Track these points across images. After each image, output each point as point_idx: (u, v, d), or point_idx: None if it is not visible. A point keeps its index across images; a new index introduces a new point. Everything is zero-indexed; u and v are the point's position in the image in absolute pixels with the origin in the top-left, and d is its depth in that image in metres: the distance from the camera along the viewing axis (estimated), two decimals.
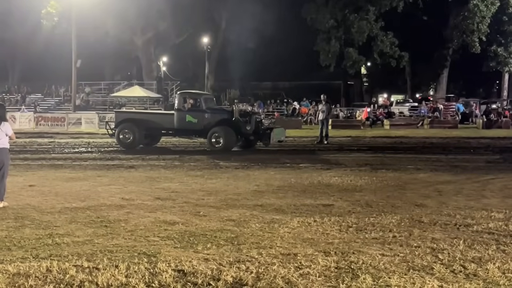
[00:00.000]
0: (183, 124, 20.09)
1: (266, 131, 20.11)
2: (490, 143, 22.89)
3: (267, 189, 10.30)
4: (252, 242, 6.21)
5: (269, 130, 20.26)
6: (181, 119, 20.09)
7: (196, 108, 20.12)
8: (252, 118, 19.94)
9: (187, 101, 20.30)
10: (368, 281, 4.83)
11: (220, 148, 19.12)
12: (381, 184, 11.03)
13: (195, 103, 20.24)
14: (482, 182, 11.25)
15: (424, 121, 37.37)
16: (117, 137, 20.40)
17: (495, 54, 49.04)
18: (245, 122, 19.65)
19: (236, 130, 19.52)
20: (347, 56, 48.59)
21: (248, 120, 19.75)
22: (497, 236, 6.55)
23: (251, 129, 19.69)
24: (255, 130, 19.81)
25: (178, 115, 20.20)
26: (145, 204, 8.56)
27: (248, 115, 20.42)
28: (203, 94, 21.89)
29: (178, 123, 20.13)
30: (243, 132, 19.69)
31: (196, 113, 20.02)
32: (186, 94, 21.47)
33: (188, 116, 20.02)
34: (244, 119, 19.74)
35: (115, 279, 4.87)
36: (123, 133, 20.24)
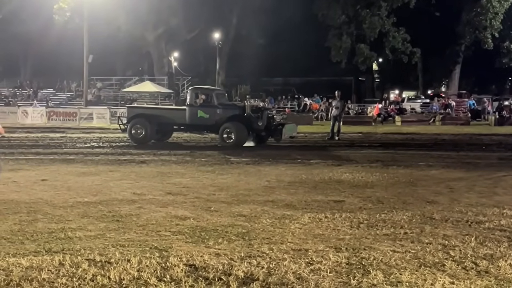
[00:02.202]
0: (194, 120, 20.06)
1: (277, 127, 20.13)
2: (502, 140, 22.77)
3: (278, 185, 10.30)
4: (263, 238, 6.22)
5: (280, 126, 20.28)
6: (192, 115, 20.07)
7: (207, 104, 20.07)
8: (263, 113, 19.91)
9: (199, 97, 20.25)
10: (379, 277, 4.83)
11: (232, 143, 19.09)
12: (392, 180, 11.00)
13: (207, 99, 20.19)
14: (494, 179, 11.19)
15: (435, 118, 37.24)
16: (129, 132, 20.39)
17: (508, 51, 48.81)
18: (256, 118, 19.61)
19: (247, 125, 19.47)
20: (358, 52, 48.48)
21: (260, 116, 19.70)
22: (509, 233, 6.52)
23: (263, 125, 19.63)
24: (266, 126, 19.79)
25: (190, 110, 20.19)
26: (157, 199, 8.59)
27: (260, 110, 20.37)
28: (215, 90, 21.84)
29: (190, 118, 20.11)
30: (255, 128, 19.63)
31: (208, 108, 19.98)
32: (198, 89, 21.44)
33: (200, 112, 19.99)
34: (255, 115, 19.70)
35: (127, 273, 4.89)
36: (135, 129, 20.23)
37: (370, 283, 4.69)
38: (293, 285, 4.64)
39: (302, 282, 4.71)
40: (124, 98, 47.22)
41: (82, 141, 21.50)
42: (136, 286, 4.64)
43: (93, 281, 4.73)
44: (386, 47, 48.68)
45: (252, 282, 4.71)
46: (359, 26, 48.34)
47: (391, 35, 47.98)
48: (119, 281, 4.74)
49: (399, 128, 31.87)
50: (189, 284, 4.65)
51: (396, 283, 4.70)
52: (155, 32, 49.57)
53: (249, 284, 4.65)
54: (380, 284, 4.66)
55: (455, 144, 20.77)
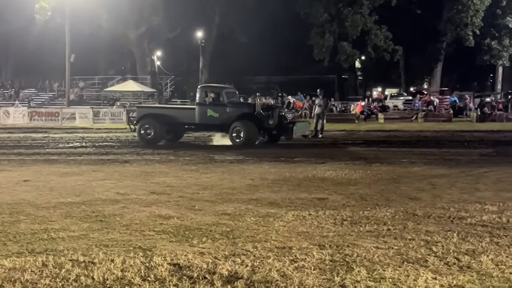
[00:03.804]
0: (204, 119, 19.66)
1: (288, 125, 19.61)
2: (484, 136, 22.99)
3: (262, 183, 10.31)
4: (247, 236, 6.23)
5: (291, 124, 19.74)
6: (202, 114, 19.67)
7: (217, 102, 19.67)
8: (274, 112, 19.49)
9: (208, 95, 19.87)
10: (362, 273, 4.86)
11: (241, 143, 18.69)
12: (375, 177, 11.07)
13: (217, 97, 19.79)
14: (476, 175, 11.30)
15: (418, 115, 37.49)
16: (138, 132, 20.02)
17: (489, 48, 49.19)
18: (267, 116, 19.19)
19: (258, 124, 19.09)
20: (341, 50, 48.64)
21: (271, 114, 19.29)
22: (491, 228, 6.59)
23: (274, 123, 19.22)
24: (278, 124, 19.33)
25: (199, 109, 19.81)
26: (140, 199, 8.56)
27: (270, 109, 19.96)
28: (224, 88, 21.40)
29: (199, 117, 19.70)
30: (265, 127, 19.24)
31: (217, 107, 19.58)
32: (207, 88, 21.06)
33: (209, 111, 19.60)
34: (266, 113, 19.28)
35: (111, 273, 4.88)
36: (144, 129, 19.87)
37: (353, 280, 4.72)
38: (277, 282, 4.66)
39: (286, 280, 4.73)
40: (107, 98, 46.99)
41: (65, 141, 21.37)
42: (120, 286, 4.63)
43: (77, 282, 4.71)
44: (369, 45, 48.90)
45: (236, 280, 4.72)
46: (342, 24, 48.48)
47: (373, 33, 48.19)
48: (102, 281, 4.72)
49: (382, 126, 32.03)
50: (173, 283, 4.66)
51: (379, 279, 4.74)
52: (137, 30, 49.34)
53: (233, 283, 4.66)
54: (363, 281, 4.69)
55: (437, 141, 20.93)
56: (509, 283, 4.67)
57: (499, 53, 49.21)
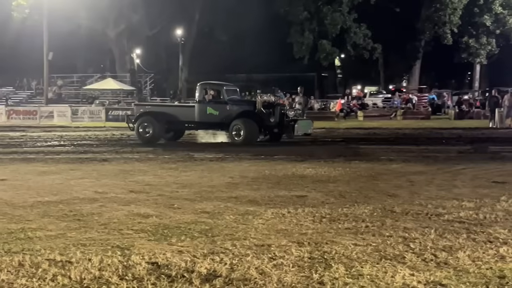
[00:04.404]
0: (204, 117, 19.34)
1: (290, 123, 19.20)
2: (461, 133, 23.21)
3: (241, 181, 10.31)
4: (226, 234, 6.22)
5: (293, 122, 19.30)
6: (201, 112, 19.37)
7: (217, 100, 19.37)
8: (276, 109, 19.14)
9: (208, 93, 19.53)
10: (340, 270, 4.88)
11: (241, 141, 18.39)
12: (354, 175, 11.12)
13: (216, 95, 19.45)
14: (453, 172, 11.40)
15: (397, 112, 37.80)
16: (136, 131, 19.70)
17: (467, 46, 49.68)
18: (268, 114, 18.89)
19: (258, 122, 18.80)
20: (320, 48, 48.80)
21: (272, 112, 18.97)
22: (468, 225, 6.65)
23: (275, 121, 18.91)
24: (279, 122, 18.99)
25: (198, 107, 19.50)
26: (119, 197, 8.51)
27: (272, 106, 19.57)
28: (224, 85, 20.95)
29: (199, 115, 19.40)
30: (267, 125, 18.96)
31: (217, 105, 19.28)
32: (207, 85, 20.53)
33: (209, 108, 19.29)
34: (267, 111, 18.97)
35: (88, 273, 4.84)
36: (142, 127, 19.54)
37: (332, 277, 4.73)
38: (256, 280, 4.66)
39: (265, 277, 4.73)
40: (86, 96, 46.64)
41: (43, 140, 21.17)
42: (97, 285, 4.59)
43: (54, 281, 4.66)
44: (348, 43, 49.13)
45: (215, 278, 4.71)
46: (321, 22, 48.65)
47: (352, 31, 48.42)
48: (80, 280, 4.68)
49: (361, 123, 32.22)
50: (151, 282, 4.63)
51: (357, 276, 4.75)
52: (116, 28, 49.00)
53: (211, 281, 4.65)
54: (341, 278, 4.71)
55: (415, 138, 21.10)
56: (485, 279, 4.71)
57: (477, 51, 49.70)
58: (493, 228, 6.42)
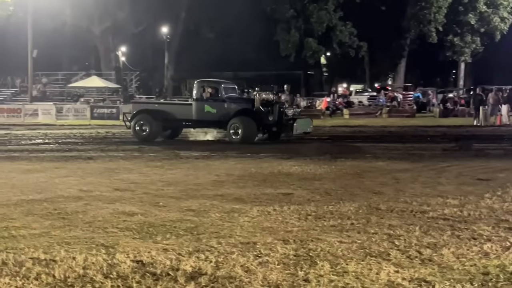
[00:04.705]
0: (201, 115, 19.06)
1: (289, 122, 18.90)
2: (446, 131, 23.35)
3: (227, 179, 10.30)
4: (211, 232, 6.21)
5: (292, 120, 19.00)
6: (199, 110, 19.09)
7: (215, 98, 19.10)
8: (275, 108, 18.84)
9: (205, 90, 19.26)
10: (326, 268, 4.89)
11: (239, 140, 18.11)
12: (340, 172, 11.16)
13: (214, 92, 19.22)
14: (438, 169, 11.47)
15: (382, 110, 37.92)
16: (133, 129, 19.45)
17: (452, 44, 49.98)
18: (267, 112, 18.62)
19: (257, 121, 18.52)
20: (306, 46, 48.84)
21: (271, 110, 18.70)
22: (452, 222, 6.68)
23: (274, 120, 18.64)
24: (278, 120, 18.72)
25: (196, 105, 19.23)
26: (104, 196, 8.47)
27: (270, 104, 19.24)
28: (222, 82, 20.58)
29: (196, 113, 19.13)
30: (265, 123, 18.68)
31: (215, 103, 19.01)
32: (205, 82, 20.23)
33: (207, 106, 19.03)
34: (266, 109, 18.70)
35: (73, 271, 4.81)
36: (139, 125, 19.30)
37: (317, 274, 4.73)
38: (241, 278, 4.65)
39: (250, 275, 4.72)
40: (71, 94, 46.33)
41: (27, 138, 21.03)
42: (81, 283, 4.56)
43: (37, 280, 4.63)
44: (334, 41, 49.20)
45: (200, 276, 4.70)
46: (307, 20, 48.68)
47: (338, 29, 48.49)
48: (64, 279, 4.65)
49: (347, 121, 32.31)
50: (136, 280, 4.61)
51: (343, 273, 4.77)
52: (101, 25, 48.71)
53: (197, 279, 4.64)
54: (326, 275, 4.71)
55: (401, 136, 21.19)
56: (469, 275, 4.74)
57: (461, 50, 50.01)
58: (477, 225, 6.46)
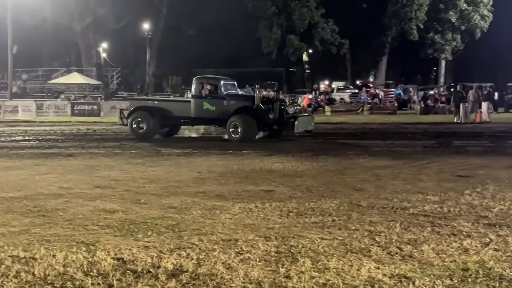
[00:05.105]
0: (200, 112, 18.69)
1: (290, 120, 18.53)
2: (427, 128, 23.52)
3: (209, 176, 10.29)
4: (193, 229, 6.20)
5: (293, 118, 18.61)
6: (198, 107, 18.71)
7: (214, 95, 18.70)
8: (275, 105, 18.45)
9: (204, 87, 18.86)
10: (307, 264, 4.90)
11: (238, 138, 17.69)
12: (321, 169, 11.19)
13: (214, 89, 18.80)
14: (419, 166, 11.55)
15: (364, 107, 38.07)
16: (130, 126, 19.10)
17: (432, 42, 50.31)
18: (267, 110, 18.22)
19: (257, 118, 18.08)
20: (288, 43, 48.85)
21: (271, 108, 18.30)
22: (432, 218, 6.74)
23: (274, 117, 18.24)
24: (278, 118, 18.35)
25: (195, 102, 18.82)
26: (84, 193, 8.42)
27: (271, 102, 18.81)
28: (222, 79, 19.98)
29: (195, 111, 18.74)
30: (265, 121, 18.24)
31: (214, 100, 18.61)
32: (204, 79, 19.81)
33: (206, 104, 18.63)
34: (266, 107, 18.31)
35: (53, 269, 4.78)
36: (136, 122, 18.95)
37: (298, 271, 4.75)
38: (222, 275, 4.65)
39: (232, 272, 4.72)
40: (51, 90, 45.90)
41: (7, 135, 20.82)
42: (61, 281, 4.53)
43: (17, 278, 4.60)
44: (316, 38, 49.27)
45: (181, 273, 4.69)
46: (289, 17, 48.70)
47: (320, 26, 48.58)
48: (44, 277, 4.62)
49: (329, 118, 32.38)
50: (116, 278, 4.59)
51: (324, 270, 4.78)
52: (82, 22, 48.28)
53: (178, 276, 4.63)
54: (308, 271, 4.73)
55: (382, 133, 21.31)
56: (449, 271, 4.78)
57: (442, 47, 50.36)
58: (457, 222, 6.52)
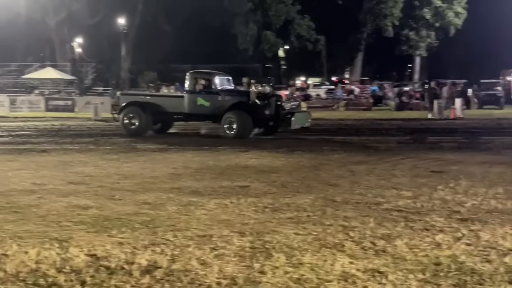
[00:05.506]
0: (194, 108, 18.20)
1: (286, 116, 18.15)
2: (401, 124, 23.70)
3: (184, 171, 10.25)
4: (168, 225, 6.18)
5: (289, 114, 18.30)
6: (191, 102, 18.24)
7: (208, 90, 18.24)
8: (271, 101, 18.14)
9: (198, 82, 18.44)
10: (281, 260, 4.92)
11: (234, 135, 17.23)
12: (297, 165, 11.23)
13: (208, 84, 18.35)
14: (393, 162, 11.64)
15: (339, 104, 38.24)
16: (122, 122, 18.64)
17: (407, 38, 50.73)
18: (263, 106, 17.83)
19: (252, 115, 17.58)
20: (264, 39, 48.89)
21: (267, 104, 17.95)
22: (406, 213, 6.80)
23: (270, 113, 17.88)
24: (274, 115, 18.00)
25: (188, 97, 18.38)
26: (58, 189, 8.33)
27: (267, 97, 18.50)
28: (216, 74, 19.54)
29: (188, 106, 18.26)
30: (261, 117, 17.80)
31: (208, 95, 18.16)
32: (198, 73, 19.32)
33: (200, 99, 18.17)
34: (262, 102, 17.93)
35: (25, 266, 4.73)
36: (128, 118, 18.43)
37: (272, 266, 4.76)
38: (197, 271, 4.64)
39: (206, 268, 4.72)
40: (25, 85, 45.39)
41: None
42: (34, 278, 4.49)
43: None
44: (292, 35, 49.41)
45: (155, 270, 4.67)
46: (265, 13, 48.74)
47: (296, 22, 48.72)
48: (16, 274, 4.57)
49: None
50: (90, 274, 4.55)
51: (298, 265, 4.80)
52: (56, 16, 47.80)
53: (152, 272, 4.61)
54: (282, 267, 4.74)
55: (357, 129, 21.43)
56: (422, 266, 4.83)
57: (417, 44, 50.80)
58: (430, 217, 6.59)
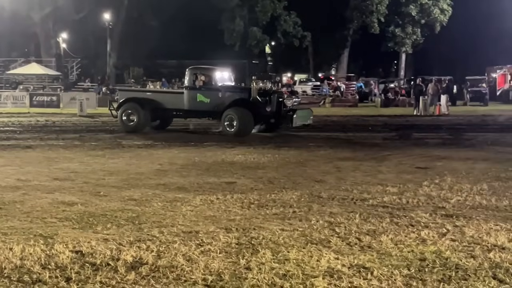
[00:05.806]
0: (194, 104, 17.90)
1: (288, 113, 17.80)
2: (387, 121, 23.80)
3: (170, 168, 10.23)
4: (153, 221, 6.17)
5: (291, 111, 17.91)
6: (191, 99, 17.93)
7: (208, 86, 17.95)
8: (273, 98, 17.69)
9: (198, 78, 18.10)
10: (267, 255, 4.92)
11: (234, 132, 16.90)
12: (283, 161, 11.24)
13: (208, 80, 18.07)
14: (379, 158, 11.69)
15: (325, 100, 38.25)
16: (120, 118, 18.32)
17: (393, 35, 50.90)
18: (264, 103, 17.44)
19: (253, 111, 17.23)
20: (251, 35, 48.85)
21: (268, 100, 17.52)
22: (391, 209, 6.83)
23: (272, 110, 17.49)
24: (276, 111, 17.61)
25: (188, 94, 18.04)
26: (43, 185, 8.28)
27: (268, 94, 18.03)
28: (217, 70, 19.25)
29: (188, 103, 17.96)
30: (262, 114, 17.44)
31: (209, 92, 17.84)
32: (198, 69, 18.92)
33: (200, 95, 17.86)
34: (263, 99, 17.53)
35: (9, 262, 4.70)
36: (126, 114, 18.14)
37: (258, 262, 4.76)
38: (183, 267, 4.64)
39: (192, 264, 4.71)
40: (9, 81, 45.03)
41: None
42: (18, 274, 4.46)
43: None
44: (278, 31, 49.41)
45: (141, 266, 4.66)
46: (252, 9, 48.67)
47: (282, 19, 48.71)
48: (0, 270, 4.54)
49: None
50: (75, 270, 4.53)
51: (284, 261, 4.81)
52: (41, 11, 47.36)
53: (137, 268, 4.60)
54: (268, 262, 4.75)
55: (343, 125, 21.49)
56: (407, 261, 4.86)
57: (403, 41, 50.99)
58: (415, 212, 6.63)
